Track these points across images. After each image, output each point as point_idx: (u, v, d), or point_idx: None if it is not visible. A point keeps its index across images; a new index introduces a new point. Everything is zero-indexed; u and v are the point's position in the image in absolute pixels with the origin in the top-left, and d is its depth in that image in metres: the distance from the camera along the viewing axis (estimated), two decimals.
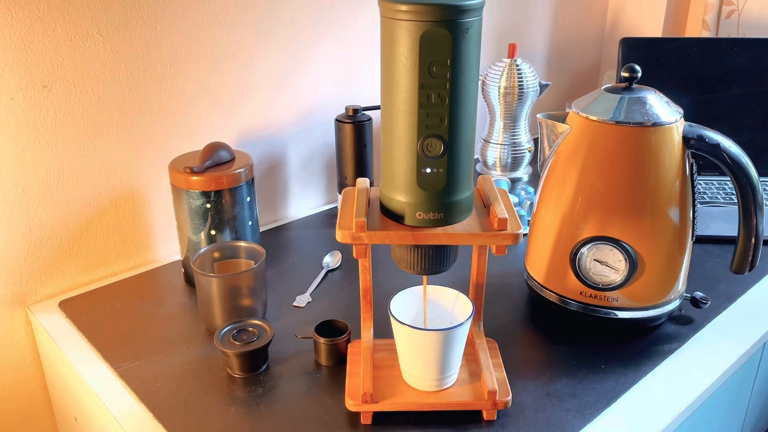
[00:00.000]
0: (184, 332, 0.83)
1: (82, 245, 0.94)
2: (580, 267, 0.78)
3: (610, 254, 0.76)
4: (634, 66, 0.77)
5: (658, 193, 0.75)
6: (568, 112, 0.82)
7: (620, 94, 0.77)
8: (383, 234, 0.62)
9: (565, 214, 0.79)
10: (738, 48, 1.27)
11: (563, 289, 0.80)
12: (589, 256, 0.77)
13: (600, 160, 0.75)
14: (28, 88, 0.83)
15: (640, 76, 1.31)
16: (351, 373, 0.71)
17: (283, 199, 1.16)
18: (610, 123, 0.75)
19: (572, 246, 0.78)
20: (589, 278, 0.78)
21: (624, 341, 0.81)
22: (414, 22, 0.54)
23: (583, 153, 0.77)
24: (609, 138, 0.75)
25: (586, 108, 0.78)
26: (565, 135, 0.78)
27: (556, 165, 0.81)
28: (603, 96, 0.78)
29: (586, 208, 0.77)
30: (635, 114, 0.75)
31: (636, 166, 0.74)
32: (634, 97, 0.76)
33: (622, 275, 0.76)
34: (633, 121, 0.74)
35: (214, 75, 1.00)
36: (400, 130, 0.59)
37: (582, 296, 0.79)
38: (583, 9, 1.62)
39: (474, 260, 0.72)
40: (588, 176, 0.77)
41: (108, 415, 0.71)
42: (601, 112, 0.76)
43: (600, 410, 0.70)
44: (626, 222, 0.75)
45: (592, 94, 0.80)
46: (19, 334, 0.92)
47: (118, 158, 0.94)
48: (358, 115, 1.07)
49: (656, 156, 0.74)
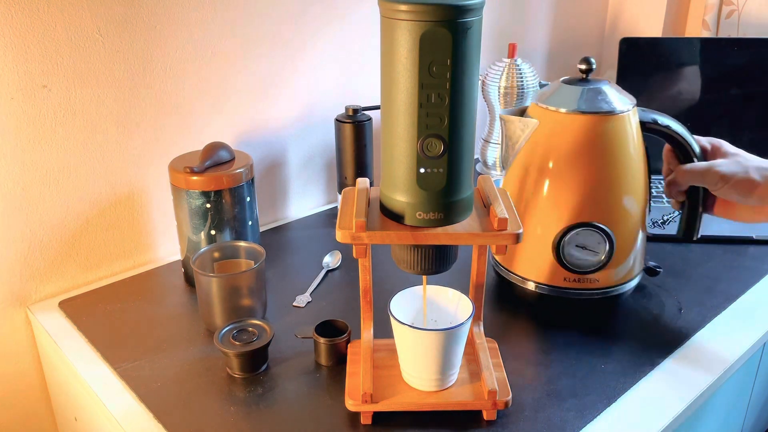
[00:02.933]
0: (184, 332, 0.83)
1: (82, 245, 0.94)
2: (565, 255, 0.80)
3: (590, 238, 0.79)
4: (590, 58, 0.82)
5: (626, 174, 0.79)
6: (525, 107, 0.85)
7: (580, 86, 0.81)
8: (383, 234, 0.62)
9: (543, 206, 0.81)
10: (738, 48, 1.27)
11: (548, 279, 0.83)
12: (571, 243, 0.80)
13: (573, 149, 0.79)
14: (28, 88, 0.83)
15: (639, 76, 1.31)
16: (351, 373, 0.71)
17: (283, 199, 1.16)
18: (578, 113, 0.78)
19: (554, 236, 0.80)
20: (574, 264, 0.80)
21: (624, 341, 0.81)
22: (414, 22, 0.54)
23: (554, 144, 0.80)
24: (577, 127, 0.79)
25: (549, 100, 0.81)
26: (534, 128, 0.81)
27: (525, 160, 0.83)
28: (563, 88, 0.82)
29: (563, 198, 0.80)
30: (601, 103, 0.79)
31: (605, 152, 0.78)
32: (593, 88, 0.80)
33: (604, 256, 0.80)
34: (601, 110, 0.78)
35: (214, 75, 1.00)
36: (400, 130, 0.59)
37: (566, 282, 0.82)
38: (583, 9, 1.62)
39: (474, 260, 0.72)
40: (561, 167, 0.80)
41: (108, 415, 0.71)
42: (568, 104, 0.79)
43: (600, 410, 0.70)
44: (599, 205, 0.79)
45: (551, 87, 0.83)
46: (19, 334, 0.92)
47: (118, 158, 0.94)
48: (358, 115, 1.07)
49: (623, 140, 0.79)
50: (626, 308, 0.87)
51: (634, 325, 0.84)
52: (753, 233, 1.05)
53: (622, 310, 0.87)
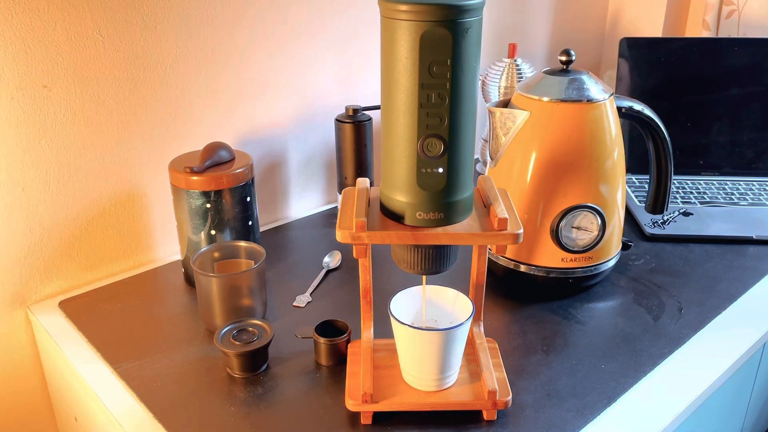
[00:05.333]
0: (184, 332, 0.83)
1: (82, 245, 0.94)
2: (562, 237, 0.85)
3: (584, 219, 0.85)
4: (570, 50, 0.87)
5: (609, 156, 0.85)
6: (508, 99, 0.90)
7: (562, 76, 0.85)
8: (383, 234, 0.62)
9: (537, 192, 0.85)
10: (738, 48, 1.27)
11: (547, 261, 0.87)
12: (567, 225, 0.85)
13: (567, 136, 0.83)
14: (28, 88, 0.83)
15: (639, 76, 1.31)
16: (351, 373, 0.71)
17: (283, 199, 1.16)
18: (567, 102, 0.83)
19: (551, 220, 0.85)
20: (571, 244, 0.86)
21: (624, 341, 0.81)
22: (414, 22, 0.54)
23: (544, 133, 0.84)
24: (566, 115, 0.83)
25: (535, 90, 0.85)
26: (525, 119, 0.85)
27: (516, 150, 0.86)
28: (546, 79, 0.86)
29: (556, 183, 0.84)
30: (583, 92, 0.83)
31: (591, 137, 0.83)
32: (574, 78, 0.85)
33: (598, 233, 0.85)
34: (583, 99, 0.83)
35: (214, 75, 1.00)
36: (400, 130, 0.59)
37: (563, 262, 0.87)
38: (583, 9, 1.62)
39: (474, 260, 0.72)
40: (551, 154, 0.83)
41: (108, 415, 0.71)
42: (552, 93, 0.84)
43: (600, 410, 0.70)
44: (589, 187, 0.84)
45: (534, 78, 0.88)
46: (19, 334, 0.92)
47: (118, 158, 0.94)
48: (358, 115, 1.07)
49: (606, 125, 0.84)
50: (627, 308, 0.88)
51: (634, 325, 0.84)
52: (753, 233, 1.05)
53: (622, 309, 0.87)
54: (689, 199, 1.18)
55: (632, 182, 1.26)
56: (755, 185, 1.24)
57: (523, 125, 0.85)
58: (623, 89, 1.31)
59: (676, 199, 1.18)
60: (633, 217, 1.13)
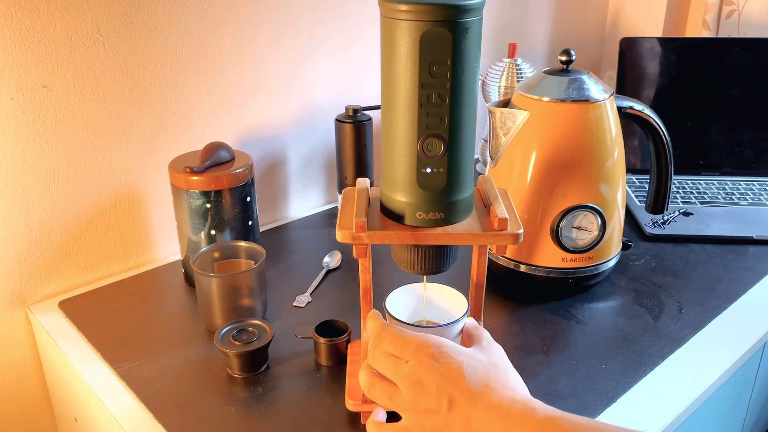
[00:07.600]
0: (184, 332, 0.83)
1: (82, 245, 0.94)
2: (562, 237, 0.85)
3: (584, 219, 0.85)
4: (570, 50, 0.86)
5: (610, 156, 0.85)
6: (508, 99, 0.90)
7: (562, 76, 0.85)
8: (383, 234, 0.62)
9: (537, 192, 0.85)
10: (738, 48, 1.27)
11: (547, 261, 0.87)
12: (567, 225, 0.84)
13: (567, 136, 0.83)
14: (28, 88, 0.83)
15: (639, 76, 1.31)
16: (351, 373, 0.71)
17: (283, 199, 1.16)
18: (567, 102, 0.83)
19: (551, 220, 0.85)
20: (571, 244, 0.85)
21: (624, 341, 0.81)
22: (414, 22, 0.54)
23: (544, 133, 0.84)
24: (566, 115, 0.83)
25: (535, 90, 0.85)
26: (525, 119, 0.84)
27: (516, 150, 0.86)
28: (546, 79, 0.86)
29: (556, 183, 0.84)
30: (583, 92, 0.83)
31: (591, 137, 0.83)
32: (574, 78, 0.85)
33: (598, 233, 0.85)
34: (583, 99, 0.83)
35: (214, 75, 1.00)
36: (400, 130, 0.59)
37: (563, 262, 0.87)
38: (583, 9, 1.62)
39: (474, 260, 0.72)
40: (552, 154, 0.83)
41: (108, 415, 0.71)
42: (552, 93, 0.83)
43: (600, 410, 0.70)
44: (589, 187, 0.84)
45: (534, 78, 0.87)
46: (19, 334, 0.92)
47: (118, 158, 0.94)
48: (358, 115, 1.07)
49: (606, 125, 0.84)
50: (627, 308, 0.88)
51: (634, 325, 0.84)
52: (753, 233, 1.05)
53: (622, 309, 0.87)
54: (689, 199, 1.18)
55: (632, 182, 1.26)
56: (755, 185, 1.24)
57: (523, 125, 0.85)
58: (623, 89, 1.31)
59: (676, 199, 1.18)
60: (633, 217, 1.13)
